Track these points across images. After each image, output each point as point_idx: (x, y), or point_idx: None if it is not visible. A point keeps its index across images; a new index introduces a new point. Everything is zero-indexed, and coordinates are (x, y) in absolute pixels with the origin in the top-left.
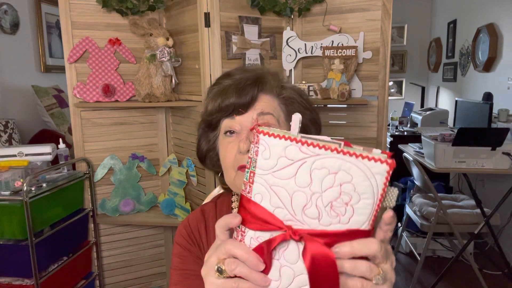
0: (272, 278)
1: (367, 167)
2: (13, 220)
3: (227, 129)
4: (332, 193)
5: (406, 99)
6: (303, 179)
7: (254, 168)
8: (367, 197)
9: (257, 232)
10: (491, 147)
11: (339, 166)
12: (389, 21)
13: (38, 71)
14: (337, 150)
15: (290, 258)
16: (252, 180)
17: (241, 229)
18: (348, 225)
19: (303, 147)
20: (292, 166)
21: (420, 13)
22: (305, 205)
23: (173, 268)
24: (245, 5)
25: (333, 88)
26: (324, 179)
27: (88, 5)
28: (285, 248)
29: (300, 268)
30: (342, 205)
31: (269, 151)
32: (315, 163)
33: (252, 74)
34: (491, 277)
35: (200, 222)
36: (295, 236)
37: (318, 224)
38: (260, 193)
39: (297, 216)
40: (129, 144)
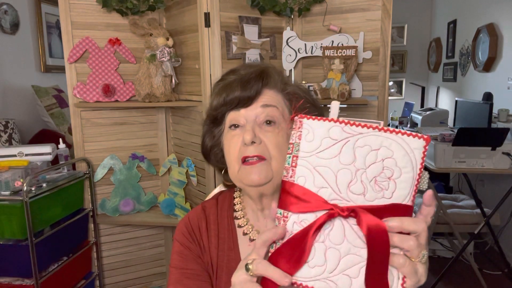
0: (317, 264)
1: (406, 142)
2: (13, 220)
3: (232, 122)
4: (375, 168)
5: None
6: (348, 157)
7: (297, 151)
8: (407, 171)
9: (300, 215)
10: (491, 147)
11: (380, 143)
12: (389, 21)
13: (38, 71)
14: (378, 128)
15: (336, 238)
16: (295, 163)
17: (283, 214)
18: (391, 199)
19: (346, 127)
20: (336, 146)
21: (420, 13)
22: (350, 181)
23: (173, 266)
24: (245, 5)
25: (333, 88)
26: (367, 156)
27: (88, 5)
28: (330, 228)
29: (346, 248)
30: (385, 180)
31: (313, 133)
32: (358, 141)
33: (256, 68)
34: (491, 277)
35: (201, 220)
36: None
37: (363, 200)
38: (304, 176)
39: (342, 193)
40: (129, 144)
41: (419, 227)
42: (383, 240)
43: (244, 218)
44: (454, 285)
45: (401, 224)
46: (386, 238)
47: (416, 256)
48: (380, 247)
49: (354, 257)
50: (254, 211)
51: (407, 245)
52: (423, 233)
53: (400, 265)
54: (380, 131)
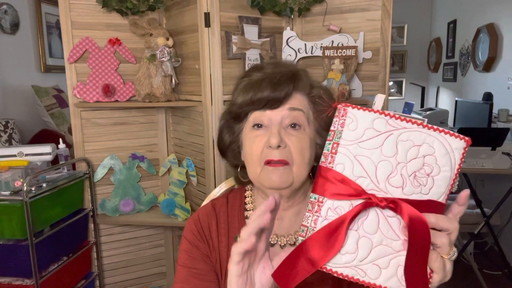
0: (348, 251)
1: (448, 142)
2: (13, 220)
3: (256, 122)
4: (416, 163)
5: (406, 99)
6: (390, 149)
7: (339, 139)
8: (446, 169)
9: (335, 202)
10: (491, 147)
11: (423, 139)
12: (389, 21)
13: (38, 71)
14: (423, 124)
15: (370, 228)
16: (335, 150)
17: (318, 199)
18: (428, 195)
19: (390, 120)
20: (379, 137)
21: (420, 13)
22: (390, 173)
23: (180, 264)
24: (245, 5)
25: (333, 88)
26: (409, 150)
27: (88, 5)
28: (365, 217)
29: (379, 238)
30: (424, 176)
31: (357, 122)
32: (401, 135)
33: (286, 70)
34: (491, 277)
35: (211, 218)
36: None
37: (401, 193)
38: (343, 163)
39: (380, 185)
40: (129, 144)
41: (453, 225)
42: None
43: None
44: (454, 285)
45: (437, 220)
46: (427, 230)
47: (447, 253)
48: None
49: (386, 248)
50: None
51: (440, 241)
52: (455, 231)
53: (431, 260)
54: (424, 127)
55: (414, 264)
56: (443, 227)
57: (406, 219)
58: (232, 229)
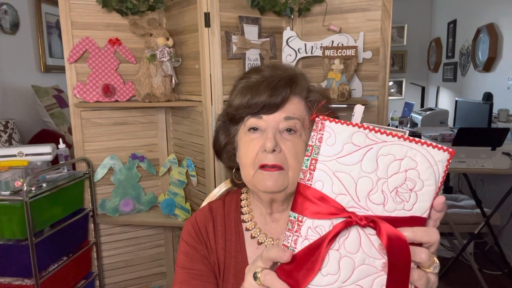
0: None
1: (431, 154)
2: (13, 220)
3: (252, 126)
4: (397, 178)
5: (406, 99)
6: (369, 165)
7: (317, 155)
8: (430, 183)
9: (315, 221)
10: (491, 147)
11: (405, 153)
12: (389, 21)
13: (38, 71)
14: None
15: (351, 247)
16: (313, 167)
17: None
18: (411, 212)
19: (370, 134)
20: (358, 152)
21: (420, 13)
22: (370, 190)
23: (179, 266)
24: (245, 5)
25: (333, 88)
26: (390, 165)
27: (88, 5)
28: (346, 236)
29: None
30: (407, 191)
31: (335, 137)
32: (381, 149)
33: (284, 73)
34: (491, 277)
35: (208, 220)
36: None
37: (382, 210)
38: (322, 180)
39: (360, 202)
40: (129, 144)
41: (433, 238)
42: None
43: (252, 221)
44: (454, 285)
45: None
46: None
47: (428, 267)
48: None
49: (369, 268)
50: (262, 214)
51: (419, 258)
52: (435, 243)
53: (415, 279)
54: (405, 140)
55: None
56: (422, 241)
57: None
58: (228, 231)
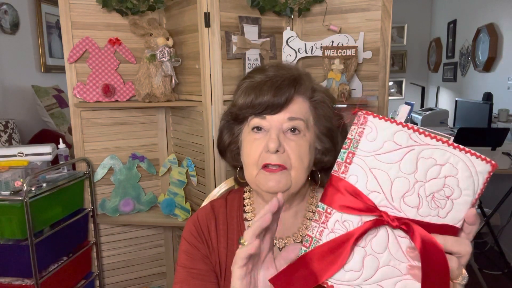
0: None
1: (473, 164)
2: (13, 220)
3: (255, 125)
4: (435, 184)
5: (406, 99)
6: (409, 166)
7: (355, 148)
8: (468, 193)
9: (344, 215)
10: (491, 147)
11: (447, 159)
12: (389, 21)
13: (38, 71)
14: (448, 142)
15: (378, 246)
16: (350, 160)
17: (326, 210)
18: (444, 219)
19: (413, 135)
20: (399, 151)
21: (420, 13)
22: (406, 192)
23: (180, 265)
24: (245, 5)
25: (333, 88)
26: (430, 169)
27: (88, 5)
28: (374, 235)
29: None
30: (443, 198)
31: (376, 133)
32: (423, 151)
33: (288, 73)
34: (491, 277)
35: (210, 219)
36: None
37: (415, 214)
38: (357, 175)
39: (394, 202)
40: (129, 144)
41: (464, 249)
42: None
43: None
44: None
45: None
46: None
47: (456, 277)
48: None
49: (393, 270)
50: None
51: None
52: (466, 255)
53: None
54: (449, 146)
55: None
56: (452, 250)
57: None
58: (231, 230)
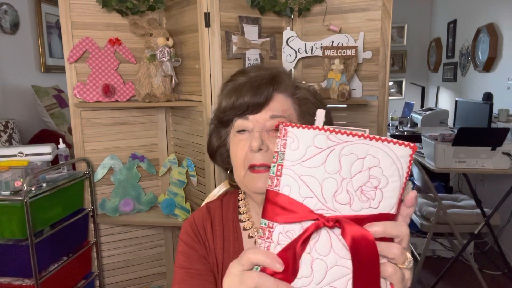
0: (303, 275)
1: (393, 150)
2: (13, 220)
3: (240, 128)
4: (361, 177)
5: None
6: (333, 166)
7: (282, 160)
8: (394, 180)
9: (286, 226)
10: (491, 147)
11: (366, 151)
12: (389, 21)
13: (38, 71)
14: (364, 136)
15: (322, 249)
16: (279, 172)
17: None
18: (378, 209)
19: (331, 135)
20: (321, 154)
21: (420, 13)
22: (336, 191)
23: (178, 266)
24: (245, 5)
25: (333, 88)
26: (353, 164)
27: (88, 5)
28: (316, 239)
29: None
30: (371, 189)
31: (298, 141)
32: (343, 149)
33: (267, 72)
34: (491, 277)
35: (206, 220)
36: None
37: (349, 210)
38: (289, 185)
39: (327, 203)
40: (129, 144)
41: (402, 231)
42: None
43: (249, 221)
44: (454, 285)
45: (385, 229)
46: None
47: (401, 262)
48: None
49: (342, 269)
50: (259, 214)
51: (392, 253)
52: (406, 237)
53: (390, 274)
54: (366, 139)
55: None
56: (393, 235)
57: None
58: (226, 231)
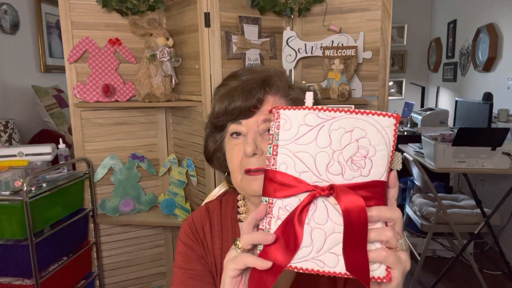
0: (304, 245)
1: (377, 121)
2: (13, 220)
3: (233, 131)
4: (351, 148)
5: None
6: (324, 140)
7: (277, 141)
8: (381, 148)
9: (284, 200)
10: (491, 147)
11: (353, 124)
12: (389, 21)
13: (38, 71)
14: (350, 111)
15: (320, 218)
16: (276, 152)
17: (269, 201)
18: (369, 177)
19: (320, 113)
20: (312, 131)
21: (420, 13)
22: (328, 163)
23: (176, 267)
24: (245, 5)
25: (333, 88)
26: (342, 137)
27: (88, 5)
28: (314, 210)
29: (331, 227)
30: (361, 159)
31: (290, 122)
32: (332, 125)
33: (258, 75)
34: (491, 277)
35: (205, 220)
36: (324, 191)
37: (342, 179)
38: (285, 163)
39: (322, 176)
40: (129, 144)
41: (395, 214)
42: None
43: None
44: (454, 285)
45: (379, 212)
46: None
47: (394, 245)
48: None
49: (339, 235)
50: None
51: (385, 236)
52: (399, 220)
53: (384, 258)
54: (352, 113)
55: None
56: (386, 217)
57: (342, 204)
58: (225, 231)
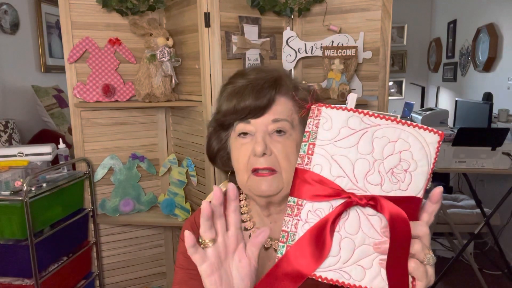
0: (331, 254)
1: (422, 136)
2: (13, 220)
3: (241, 131)
4: (392, 160)
5: (406, 99)
6: (366, 147)
7: (314, 139)
8: (423, 164)
9: (315, 204)
10: (491, 147)
11: (398, 135)
12: (389, 21)
13: (38, 71)
14: (396, 120)
15: (351, 228)
16: (311, 151)
17: (298, 202)
18: (407, 192)
19: (365, 118)
20: (354, 135)
21: (420, 13)
22: (368, 171)
23: (178, 266)
24: (245, 5)
25: (333, 88)
26: (385, 147)
27: (88, 5)
28: (346, 218)
29: (361, 238)
30: (402, 172)
31: (331, 122)
32: (376, 132)
33: (268, 75)
34: (491, 277)
35: None
36: (361, 200)
37: (380, 191)
38: (320, 164)
39: (359, 183)
40: (129, 144)
41: (421, 231)
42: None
43: (250, 221)
44: (454, 285)
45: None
46: (407, 227)
47: (422, 258)
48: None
49: (369, 248)
50: (260, 216)
51: (413, 249)
52: (426, 236)
53: (413, 269)
54: (398, 123)
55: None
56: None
57: (387, 216)
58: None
